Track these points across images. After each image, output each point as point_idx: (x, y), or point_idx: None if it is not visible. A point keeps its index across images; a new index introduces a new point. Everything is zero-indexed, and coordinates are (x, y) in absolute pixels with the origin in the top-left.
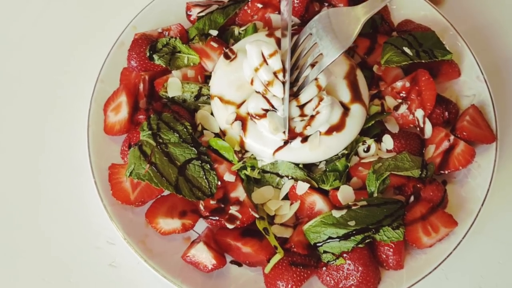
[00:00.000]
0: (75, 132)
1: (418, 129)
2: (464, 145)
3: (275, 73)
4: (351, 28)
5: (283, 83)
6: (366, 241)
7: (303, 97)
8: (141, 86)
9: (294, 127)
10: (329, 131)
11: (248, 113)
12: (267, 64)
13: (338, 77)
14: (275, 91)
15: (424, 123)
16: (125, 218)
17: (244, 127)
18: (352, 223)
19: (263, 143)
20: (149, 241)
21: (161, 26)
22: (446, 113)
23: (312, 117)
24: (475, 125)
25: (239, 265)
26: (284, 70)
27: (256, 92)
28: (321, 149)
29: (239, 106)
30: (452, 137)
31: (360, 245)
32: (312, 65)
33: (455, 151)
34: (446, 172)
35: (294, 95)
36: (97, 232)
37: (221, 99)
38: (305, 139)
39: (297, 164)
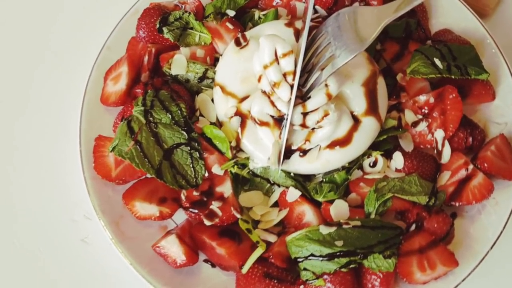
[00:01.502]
0: (71, 97)
1: (435, 151)
2: (483, 177)
3: (284, 74)
4: (370, 30)
5: (291, 86)
6: (351, 266)
7: (310, 104)
8: (146, 59)
9: (291, 143)
10: (332, 145)
11: (249, 111)
12: (278, 63)
13: (356, 83)
14: (281, 93)
15: (443, 145)
16: (104, 194)
17: (243, 125)
18: (339, 243)
19: (259, 148)
20: (123, 223)
21: None
22: (470, 139)
23: (313, 130)
24: (500, 158)
25: (213, 265)
26: (294, 72)
27: (262, 92)
28: (319, 162)
29: (241, 100)
30: (471, 167)
31: (343, 269)
32: (323, 69)
33: (471, 182)
34: (457, 204)
35: (301, 97)
36: (76, 204)
37: (223, 89)
38: (304, 153)
39: (289, 173)
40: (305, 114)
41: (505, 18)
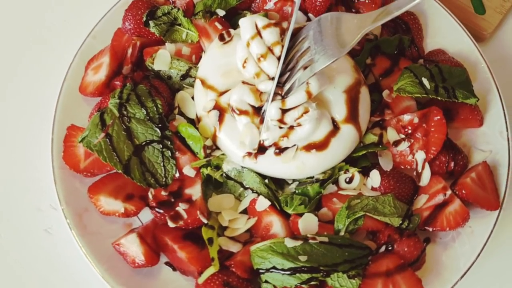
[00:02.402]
0: (52, 83)
1: (415, 173)
2: (460, 205)
3: (269, 48)
4: (349, 37)
5: (278, 59)
6: (311, 282)
7: (290, 101)
8: (129, 51)
9: (263, 140)
10: (308, 147)
11: (228, 105)
12: (261, 37)
13: (337, 88)
14: (267, 66)
15: (423, 168)
16: (70, 185)
17: (221, 119)
18: (303, 258)
19: (236, 144)
20: (87, 216)
21: None
22: (452, 164)
23: (292, 128)
24: (479, 186)
25: (174, 269)
26: (279, 43)
27: (243, 82)
28: (294, 163)
29: (221, 94)
30: (449, 192)
31: (304, 285)
32: (306, 68)
33: (447, 208)
34: (431, 229)
35: (281, 96)
36: (43, 192)
37: (203, 83)
38: (280, 150)
39: (264, 178)
40: (283, 111)
41: (502, 45)
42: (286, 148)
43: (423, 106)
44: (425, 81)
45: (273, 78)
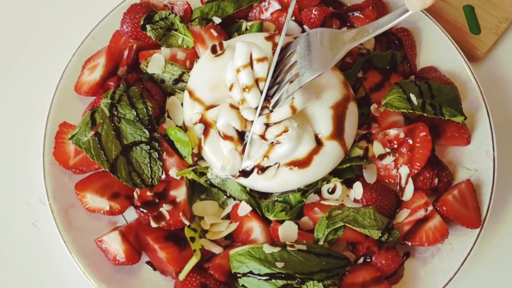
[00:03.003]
0: (48, 80)
1: (398, 187)
2: (440, 221)
3: (256, 80)
4: (334, 52)
5: (261, 92)
6: None
7: (274, 116)
8: (125, 53)
9: (250, 158)
10: (290, 165)
11: (214, 121)
12: (252, 68)
13: (325, 104)
14: (250, 98)
15: (406, 183)
16: (59, 181)
17: (205, 133)
18: (280, 264)
19: (220, 158)
20: (72, 212)
21: None
22: (436, 180)
23: (272, 146)
24: (461, 203)
25: (154, 268)
26: (265, 80)
27: (230, 106)
28: (276, 181)
29: (207, 108)
30: (430, 208)
31: None
32: (292, 82)
33: (427, 224)
34: (410, 244)
35: (269, 109)
36: (33, 187)
37: (191, 94)
38: (262, 170)
39: (245, 187)
40: (267, 126)
41: (495, 65)
42: (268, 167)
43: (411, 122)
44: (413, 97)
45: (255, 108)
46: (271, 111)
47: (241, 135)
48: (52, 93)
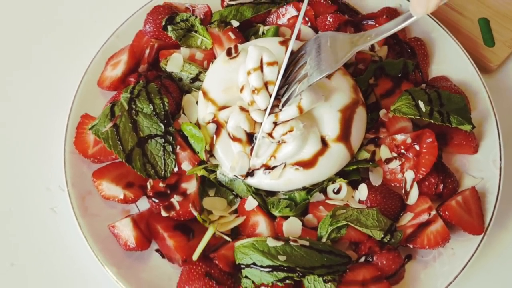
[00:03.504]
0: (73, 73)
1: (403, 191)
2: (441, 225)
3: (266, 83)
4: (341, 54)
5: (270, 95)
6: (286, 281)
7: (282, 115)
8: (147, 52)
9: (253, 166)
10: (297, 166)
11: (225, 121)
12: (262, 71)
13: (333, 107)
14: (259, 100)
15: (411, 187)
16: (78, 169)
17: (217, 133)
18: (282, 258)
19: (229, 159)
20: (89, 199)
21: (193, 2)
22: (441, 186)
23: (278, 146)
24: (464, 210)
25: (162, 256)
26: (275, 83)
27: (240, 108)
28: (281, 180)
29: (220, 108)
30: (433, 212)
31: (279, 283)
32: (301, 82)
33: (429, 228)
34: (412, 246)
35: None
36: (54, 174)
37: (205, 94)
38: (269, 169)
39: (250, 186)
40: (275, 125)
41: (507, 77)
42: (274, 167)
43: (420, 129)
44: (421, 104)
45: (264, 110)
46: (280, 110)
47: (250, 137)
48: (76, 86)
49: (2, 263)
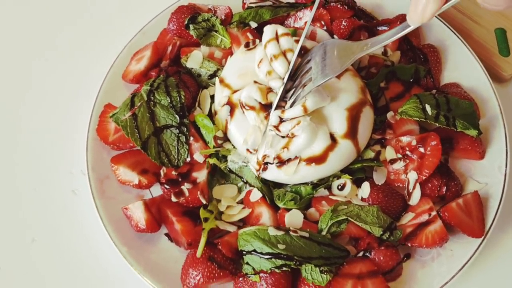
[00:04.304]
0: (100, 66)
1: (406, 191)
2: (440, 225)
3: (284, 52)
4: (343, 60)
5: (288, 62)
6: (283, 268)
7: (288, 113)
8: (169, 48)
9: (266, 156)
10: (309, 162)
11: (239, 101)
12: (278, 42)
13: (341, 106)
14: (278, 66)
15: (414, 188)
16: (98, 155)
17: (231, 114)
18: (281, 246)
19: (244, 134)
20: (106, 183)
21: (216, 3)
22: (444, 189)
23: (290, 139)
24: (465, 212)
25: (171, 240)
26: (292, 50)
27: (255, 82)
28: (295, 176)
29: (234, 92)
30: (433, 213)
31: (277, 270)
32: (305, 85)
33: (428, 227)
34: (410, 245)
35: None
36: (78, 159)
37: (221, 81)
38: (282, 163)
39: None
40: (281, 120)
41: None
42: (288, 160)
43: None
44: (428, 107)
45: (282, 78)
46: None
47: (263, 106)
48: (103, 78)
49: (24, 238)
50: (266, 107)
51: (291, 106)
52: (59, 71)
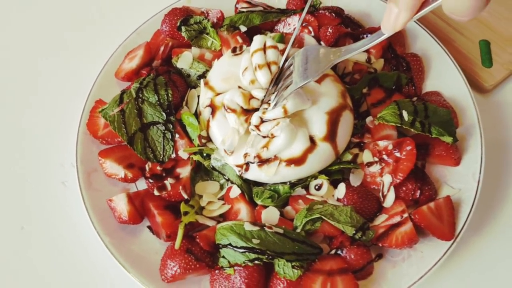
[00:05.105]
0: (95, 64)
1: (380, 194)
2: (410, 227)
3: (268, 64)
4: (322, 65)
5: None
6: (255, 262)
7: (269, 114)
8: (161, 49)
9: (248, 154)
10: (289, 163)
11: (222, 103)
12: (264, 53)
13: (320, 109)
14: (261, 76)
15: (388, 190)
16: (88, 148)
17: (213, 114)
18: (256, 241)
19: (223, 133)
20: (94, 175)
21: (210, 7)
22: (418, 193)
23: (270, 139)
24: (436, 216)
25: (152, 232)
26: (275, 63)
27: (239, 87)
28: (275, 177)
29: (217, 95)
30: (405, 215)
31: (249, 263)
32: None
33: (399, 229)
34: (380, 245)
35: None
36: (68, 152)
37: (206, 83)
38: (262, 162)
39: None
40: (262, 121)
41: (502, 100)
42: (268, 160)
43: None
44: (404, 113)
45: (264, 88)
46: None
47: (244, 111)
48: (96, 75)
49: (14, 226)
50: (247, 112)
51: (273, 108)
52: (56, 68)
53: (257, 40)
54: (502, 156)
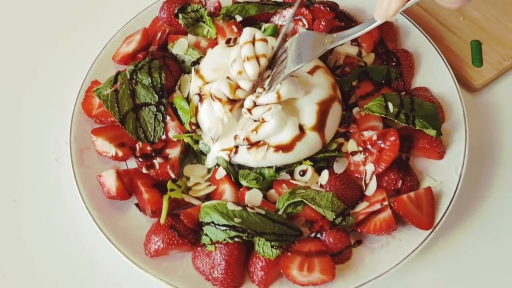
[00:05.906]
0: (92, 48)
1: (363, 182)
2: (389, 214)
3: (257, 57)
4: (315, 51)
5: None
6: (235, 239)
7: (262, 98)
8: (159, 35)
9: (237, 136)
10: (277, 149)
11: (210, 92)
12: (253, 45)
13: (311, 100)
14: (249, 67)
15: (370, 179)
16: (82, 127)
17: (201, 101)
18: (237, 220)
19: (210, 121)
20: (86, 153)
21: None
22: (400, 183)
23: (261, 123)
24: (415, 205)
25: (140, 209)
26: (264, 56)
27: (227, 77)
28: (262, 161)
29: (206, 83)
30: (385, 203)
31: (230, 240)
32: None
33: (378, 216)
34: (359, 230)
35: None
36: (64, 130)
37: (197, 72)
38: (251, 145)
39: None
40: (254, 105)
41: (491, 99)
42: (257, 144)
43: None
44: (390, 105)
45: (252, 80)
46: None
47: (230, 101)
48: (94, 58)
49: (6, 198)
50: (232, 102)
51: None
52: (57, 51)
53: (247, 32)
54: (486, 152)
